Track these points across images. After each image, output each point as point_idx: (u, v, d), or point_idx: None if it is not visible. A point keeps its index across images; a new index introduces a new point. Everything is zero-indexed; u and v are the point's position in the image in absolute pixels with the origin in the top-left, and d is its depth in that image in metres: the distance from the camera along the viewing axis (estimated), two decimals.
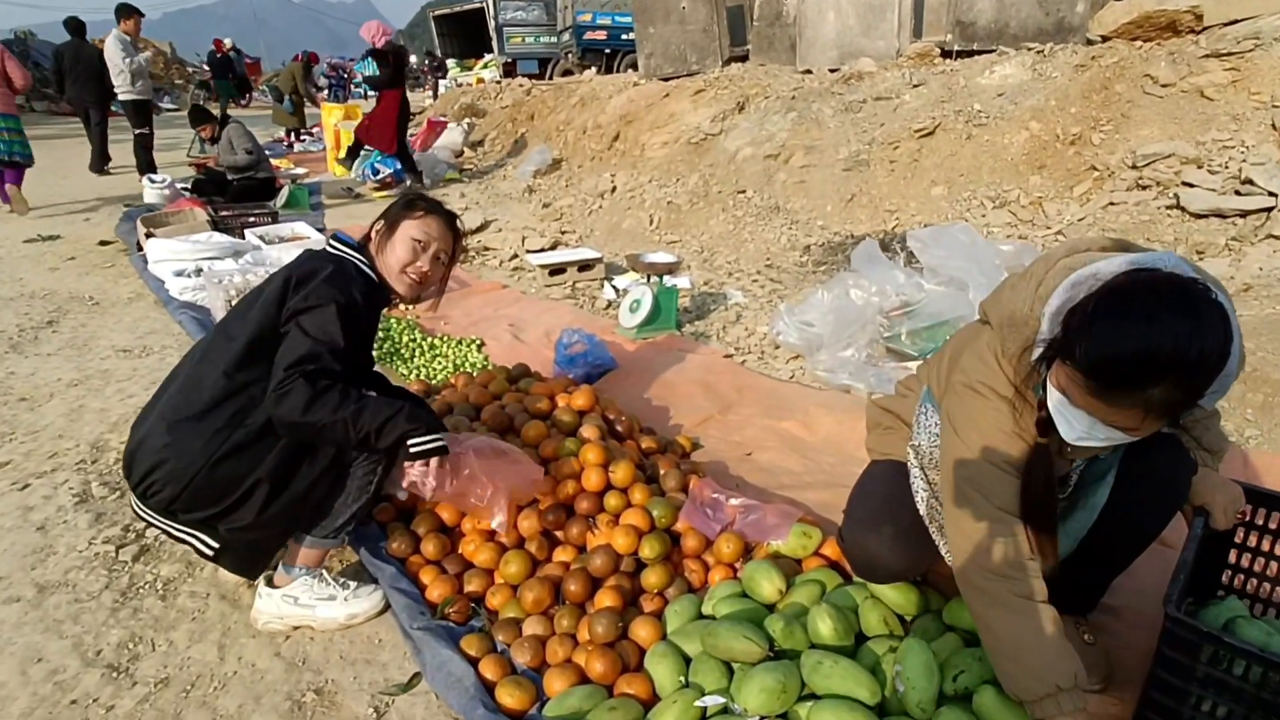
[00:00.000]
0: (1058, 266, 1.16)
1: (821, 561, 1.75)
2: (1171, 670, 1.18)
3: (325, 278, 1.59)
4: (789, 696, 1.32)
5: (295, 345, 1.52)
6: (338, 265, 1.66)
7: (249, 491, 1.53)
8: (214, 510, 1.55)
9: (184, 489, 1.51)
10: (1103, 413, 1.04)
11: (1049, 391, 1.12)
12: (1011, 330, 1.19)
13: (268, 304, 1.60)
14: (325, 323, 1.54)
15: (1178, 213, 4.04)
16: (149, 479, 1.52)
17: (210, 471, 1.50)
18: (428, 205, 1.79)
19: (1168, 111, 4.62)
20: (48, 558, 1.97)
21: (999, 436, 1.21)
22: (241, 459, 1.52)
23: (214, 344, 1.62)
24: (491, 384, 2.45)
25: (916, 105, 5.76)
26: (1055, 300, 1.11)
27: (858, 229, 5.03)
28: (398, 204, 1.80)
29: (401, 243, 1.73)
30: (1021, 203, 4.66)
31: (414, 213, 1.75)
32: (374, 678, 1.57)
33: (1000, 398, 1.22)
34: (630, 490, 1.91)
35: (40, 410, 2.87)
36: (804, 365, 3.12)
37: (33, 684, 1.55)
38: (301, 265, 1.65)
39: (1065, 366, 1.05)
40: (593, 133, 8.20)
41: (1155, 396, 0.98)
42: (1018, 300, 1.19)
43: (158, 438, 1.53)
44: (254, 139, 6.38)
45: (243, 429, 1.53)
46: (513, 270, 4.87)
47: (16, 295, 4.33)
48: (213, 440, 1.51)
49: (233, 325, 1.63)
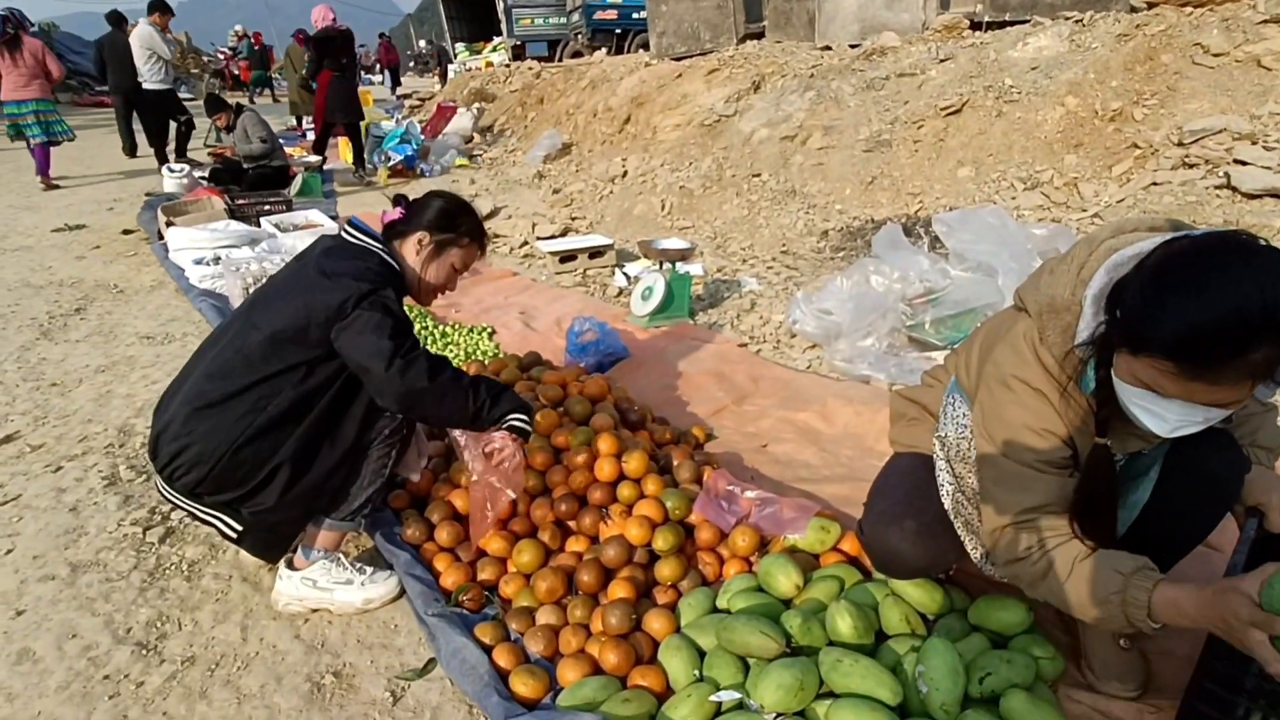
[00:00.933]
0: (1101, 248, 1.10)
1: (840, 557, 1.73)
2: (1218, 680, 1.14)
3: (369, 282, 1.59)
4: (807, 694, 1.30)
5: (379, 325, 1.54)
6: (372, 268, 1.65)
7: (271, 475, 1.57)
8: (238, 493, 1.58)
9: (209, 472, 1.54)
10: (1204, 394, 0.95)
11: (1120, 388, 1.05)
12: (1051, 317, 1.13)
13: (301, 295, 1.59)
14: (388, 305, 1.58)
15: (1228, 193, 3.85)
16: (175, 462, 1.56)
17: (234, 455, 1.53)
18: (473, 230, 1.84)
19: (1219, 83, 4.42)
20: (79, 538, 2.04)
21: (1026, 433, 1.17)
22: (264, 443, 1.55)
23: (238, 332, 1.63)
24: (503, 372, 2.44)
25: (943, 81, 5.61)
26: (1097, 283, 1.06)
27: (878, 213, 4.93)
28: (440, 213, 1.79)
29: (444, 268, 1.82)
30: (1055, 184, 4.51)
31: (461, 240, 1.82)
32: (390, 662, 1.60)
33: (1033, 391, 1.17)
34: (643, 481, 1.90)
35: (70, 395, 2.94)
36: (821, 355, 3.08)
37: (68, 659, 1.61)
38: (337, 268, 1.62)
39: (1141, 359, 0.97)
40: (603, 116, 8.11)
41: (1259, 358, 0.89)
42: (1058, 285, 1.13)
43: (183, 423, 1.55)
44: (268, 127, 6.43)
45: (265, 414, 1.55)
46: (523, 257, 4.86)
47: (46, 283, 4.42)
48: (236, 425, 1.54)
49: (257, 314, 1.63)
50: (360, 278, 1.59)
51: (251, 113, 6.38)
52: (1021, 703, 1.25)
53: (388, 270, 1.69)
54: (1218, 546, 1.76)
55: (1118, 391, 1.06)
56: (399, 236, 1.80)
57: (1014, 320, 1.26)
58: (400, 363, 1.52)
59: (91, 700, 1.50)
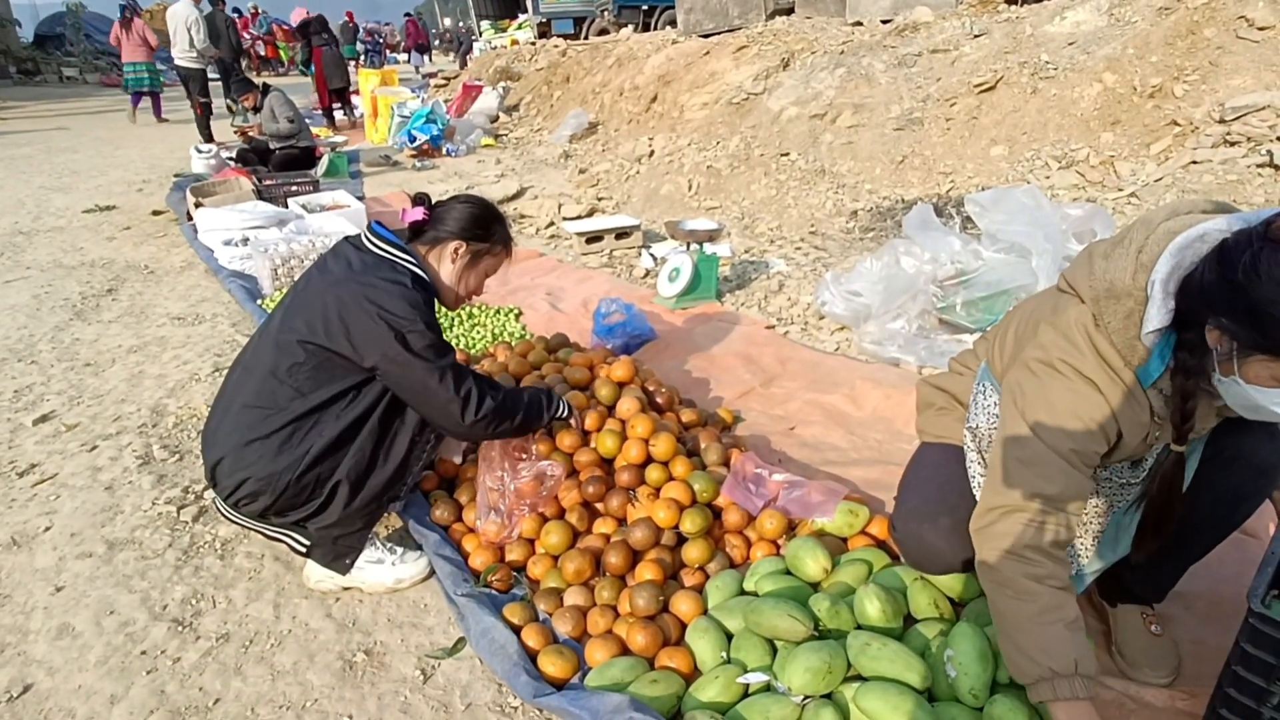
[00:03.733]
0: (1159, 231, 1.06)
1: (868, 541, 1.71)
2: (1253, 668, 1.11)
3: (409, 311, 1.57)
4: (834, 677, 1.30)
5: (435, 387, 1.59)
6: (406, 289, 1.60)
7: (332, 493, 1.62)
8: (304, 513, 1.64)
9: (275, 501, 1.60)
10: None
11: (1244, 393, 1.01)
12: (1110, 303, 1.09)
13: (331, 328, 1.57)
14: (427, 334, 1.58)
15: (1270, 171, 3.72)
16: (238, 493, 1.60)
17: (298, 482, 1.58)
18: (504, 239, 1.84)
19: (1264, 58, 4.25)
20: (115, 516, 2.07)
21: (1071, 419, 1.13)
22: (324, 466, 1.60)
23: (276, 357, 1.61)
24: (531, 354, 2.44)
25: (977, 57, 5.45)
26: (1163, 266, 1.02)
27: (909, 193, 4.83)
28: (473, 222, 1.76)
29: (479, 276, 1.82)
30: (1091, 162, 4.37)
31: (495, 248, 1.81)
32: (420, 641, 1.61)
33: (1085, 379, 1.12)
34: (671, 463, 1.89)
35: (104, 375, 2.99)
36: (850, 337, 3.03)
37: (106, 634, 1.65)
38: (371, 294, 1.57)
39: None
40: (630, 94, 8.02)
41: None
42: (1115, 270, 1.08)
43: (238, 456, 1.59)
44: (295, 107, 6.44)
45: (321, 439, 1.59)
46: (549, 238, 4.84)
47: (78, 264, 4.49)
48: (296, 454, 1.58)
49: (293, 336, 1.60)
50: (399, 311, 1.56)
51: (278, 93, 6.40)
52: None
53: (421, 287, 1.66)
54: (1254, 533, 1.72)
55: (1236, 395, 1.03)
56: (429, 243, 1.75)
57: (1055, 304, 1.21)
58: (471, 417, 1.63)
59: (130, 674, 1.54)
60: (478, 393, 1.64)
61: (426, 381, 1.59)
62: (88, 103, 14.51)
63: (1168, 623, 1.48)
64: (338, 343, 1.57)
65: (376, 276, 1.60)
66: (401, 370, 1.58)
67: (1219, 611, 1.52)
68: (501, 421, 1.70)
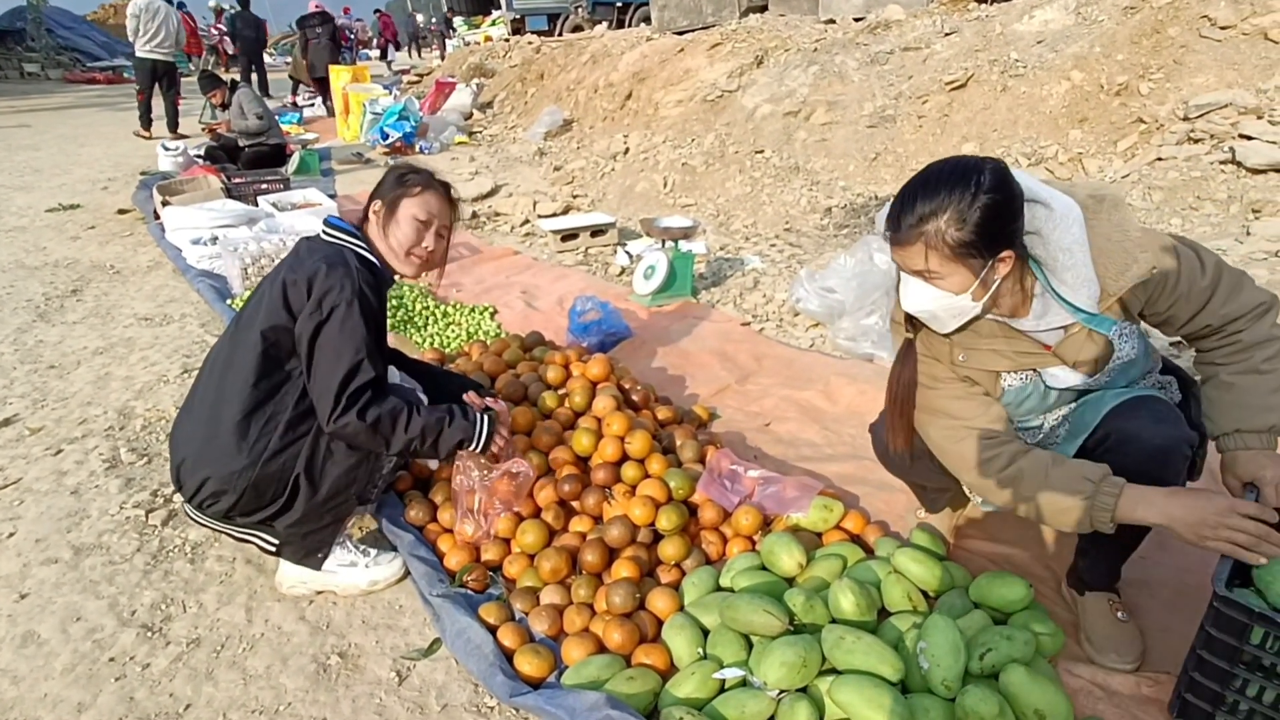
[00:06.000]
0: None
1: (843, 535, 1.73)
2: (1217, 651, 1.14)
3: (331, 278, 1.55)
4: (809, 671, 1.31)
5: (333, 367, 1.53)
6: (338, 258, 1.60)
7: (294, 488, 1.59)
8: (269, 511, 1.61)
9: (238, 499, 1.57)
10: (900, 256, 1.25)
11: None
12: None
13: (272, 310, 1.57)
14: (350, 327, 1.53)
15: (1233, 168, 3.82)
16: (201, 494, 1.58)
17: (257, 479, 1.56)
18: (423, 179, 1.73)
19: (1226, 57, 4.36)
20: (82, 521, 2.03)
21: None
22: (283, 458, 1.58)
23: (232, 356, 1.61)
24: (505, 353, 2.43)
25: (948, 55, 5.52)
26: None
27: (882, 189, 4.88)
28: (390, 180, 1.73)
29: (405, 222, 1.68)
30: (1060, 159, 4.46)
31: (412, 189, 1.69)
32: (395, 642, 1.60)
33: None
34: (647, 461, 1.90)
35: (69, 378, 2.92)
36: (825, 333, 3.06)
37: (73, 641, 1.62)
38: (302, 265, 1.59)
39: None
40: (604, 92, 8.00)
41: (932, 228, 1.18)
42: None
43: (200, 455, 1.57)
44: (264, 104, 6.33)
45: (276, 430, 1.57)
46: (524, 236, 4.82)
47: (41, 264, 4.38)
48: (254, 449, 1.56)
49: (244, 334, 1.61)
50: (325, 295, 1.53)
51: (247, 89, 6.28)
52: (1021, 678, 1.25)
53: (366, 267, 1.63)
54: None
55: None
56: (364, 222, 1.74)
57: None
58: (334, 427, 1.53)
59: (97, 682, 1.51)
60: (369, 385, 1.55)
61: (324, 350, 1.53)
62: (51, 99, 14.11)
63: (1134, 610, 1.52)
64: (278, 317, 1.56)
65: (319, 256, 1.60)
66: (310, 331, 1.53)
67: (1184, 599, 1.55)
68: (372, 439, 1.58)
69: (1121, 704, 1.35)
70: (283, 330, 1.57)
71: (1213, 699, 1.19)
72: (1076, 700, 1.34)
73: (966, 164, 1.18)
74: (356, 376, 1.53)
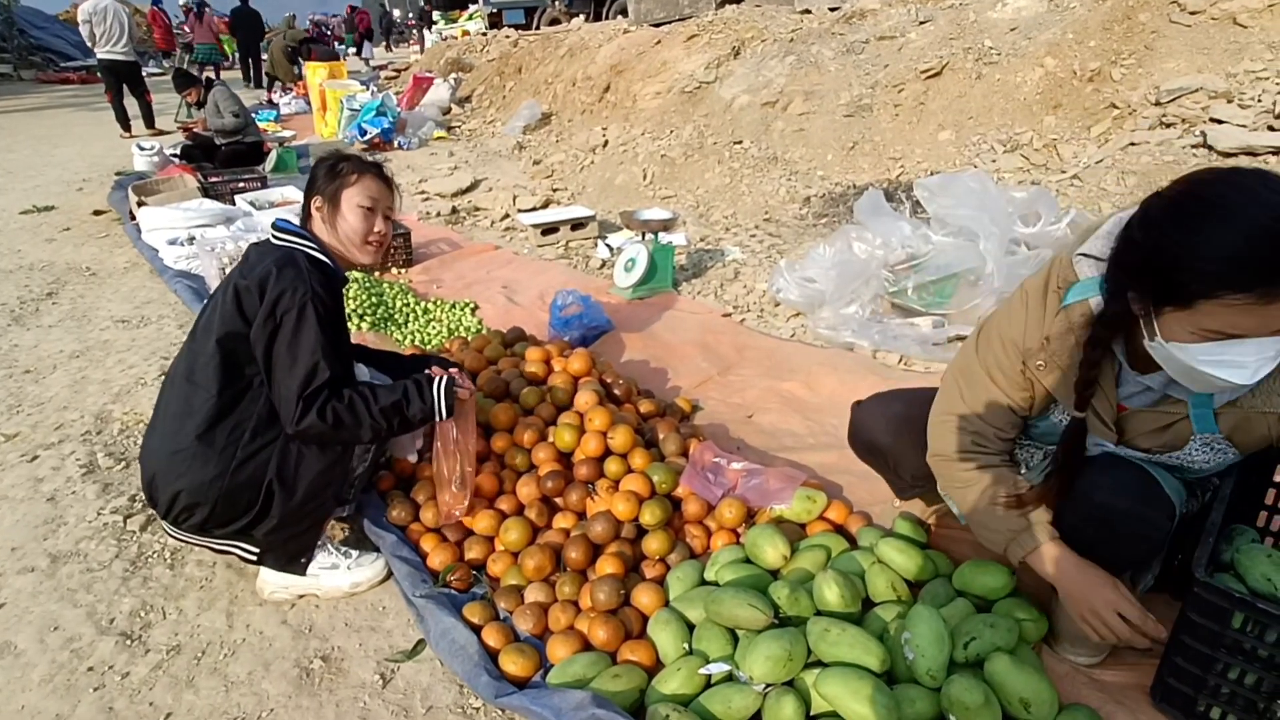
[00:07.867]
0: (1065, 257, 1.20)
1: (826, 526, 1.74)
2: (1198, 636, 1.16)
3: (283, 281, 1.53)
4: (795, 664, 1.32)
5: (290, 373, 1.52)
6: (288, 261, 1.57)
7: (268, 494, 1.57)
8: (245, 520, 1.59)
9: (212, 510, 1.56)
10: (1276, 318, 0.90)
11: (1174, 355, 1.00)
12: (1032, 355, 1.22)
13: (227, 318, 1.55)
14: (304, 332, 1.52)
15: (1204, 152, 3.86)
16: (175, 508, 1.56)
17: (229, 488, 1.54)
18: (356, 165, 1.71)
19: (1196, 42, 4.40)
20: (59, 528, 2.00)
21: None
22: (253, 465, 1.56)
23: (193, 367, 1.59)
24: (487, 349, 2.41)
25: (923, 44, 5.54)
26: (1097, 243, 1.13)
27: (860, 178, 4.89)
28: (323, 173, 1.70)
29: (351, 213, 1.67)
30: (1035, 145, 4.49)
31: (348, 179, 1.67)
32: (379, 644, 1.59)
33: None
34: (630, 455, 1.89)
35: (44, 382, 2.87)
36: (805, 323, 3.07)
37: (50, 651, 1.59)
38: (252, 271, 1.57)
39: (1200, 306, 0.93)
40: (582, 84, 7.95)
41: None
42: (1032, 323, 1.22)
43: (169, 469, 1.56)
44: (240, 101, 6.24)
45: (243, 441, 1.55)
46: (504, 230, 4.79)
47: (15, 267, 4.29)
48: (221, 458, 1.54)
49: (201, 344, 1.59)
50: (278, 300, 1.51)
51: (222, 87, 6.18)
52: (1005, 666, 1.26)
53: (316, 267, 1.60)
54: None
55: (1166, 359, 1.03)
56: (308, 220, 1.72)
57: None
58: (297, 431, 1.53)
59: (76, 692, 1.49)
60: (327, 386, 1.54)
61: (280, 356, 1.52)
62: (23, 100, 13.79)
63: None
64: (233, 324, 1.54)
65: (270, 260, 1.58)
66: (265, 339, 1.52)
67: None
68: (338, 436, 1.58)
69: (1105, 689, 1.36)
70: (239, 337, 1.55)
71: (1195, 683, 1.20)
72: (1061, 686, 1.35)
73: None
74: (314, 379, 1.52)
